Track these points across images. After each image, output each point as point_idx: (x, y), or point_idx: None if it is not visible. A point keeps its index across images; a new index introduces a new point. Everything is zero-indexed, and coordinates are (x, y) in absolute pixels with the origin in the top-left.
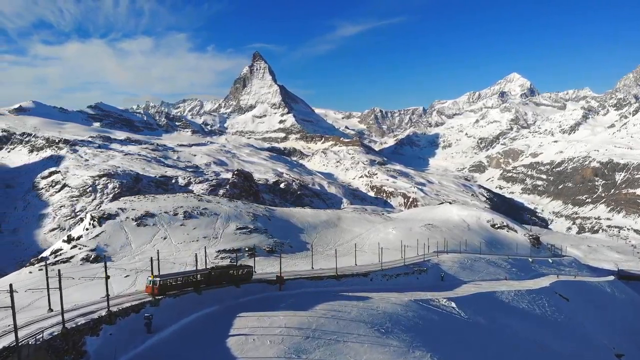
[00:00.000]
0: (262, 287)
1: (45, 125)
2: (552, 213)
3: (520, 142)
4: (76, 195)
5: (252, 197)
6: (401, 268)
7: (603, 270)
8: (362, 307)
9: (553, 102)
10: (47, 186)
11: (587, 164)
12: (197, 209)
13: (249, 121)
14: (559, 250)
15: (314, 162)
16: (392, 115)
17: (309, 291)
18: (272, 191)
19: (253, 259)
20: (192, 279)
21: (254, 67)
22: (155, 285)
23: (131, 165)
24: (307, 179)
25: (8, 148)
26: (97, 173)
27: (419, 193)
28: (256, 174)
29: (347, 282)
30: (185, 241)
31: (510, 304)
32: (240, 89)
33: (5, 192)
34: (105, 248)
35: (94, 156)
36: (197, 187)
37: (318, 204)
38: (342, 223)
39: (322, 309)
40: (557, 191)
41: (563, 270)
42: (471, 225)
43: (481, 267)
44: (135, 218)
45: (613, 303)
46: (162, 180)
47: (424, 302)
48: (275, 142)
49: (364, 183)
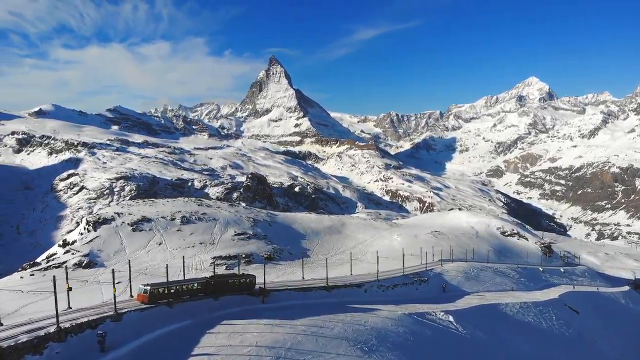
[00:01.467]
0: (241, 300)
1: (65, 128)
2: (571, 219)
3: (538, 147)
4: (93, 197)
5: (265, 200)
6: (400, 278)
7: (620, 280)
8: (348, 322)
9: (572, 107)
10: (65, 188)
11: (606, 169)
12: (196, 214)
13: (264, 125)
14: (573, 259)
15: (329, 165)
16: (408, 119)
17: (295, 304)
18: (287, 194)
19: (250, 266)
20: (188, 288)
21: (270, 71)
22: (145, 294)
23: (148, 168)
24: (322, 183)
25: (28, 150)
26: (115, 176)
27: (435, 198)
28: (271, 177)
29: (339, 293)
30: (180, 247)
31: (514, 317)
32: (256, 92)
33: (24, 193)
34: (98, 253)
35: (112, 159)
36: (213, 190)
37: (332, 208)
38: (346, 229)
39: (303, 324)
40: (575, 197)
41: (576, 280)
42: (480, 233)
43: (487, 277)
44: (131, 223)
45: (627, 315)
46: (178, 183)
47: (419, 315)
48: (291, 145)
49: (379, 187)
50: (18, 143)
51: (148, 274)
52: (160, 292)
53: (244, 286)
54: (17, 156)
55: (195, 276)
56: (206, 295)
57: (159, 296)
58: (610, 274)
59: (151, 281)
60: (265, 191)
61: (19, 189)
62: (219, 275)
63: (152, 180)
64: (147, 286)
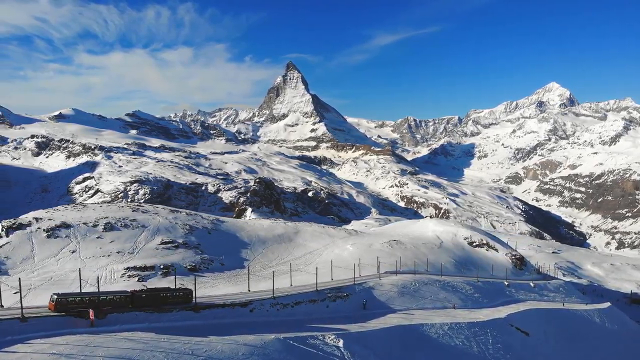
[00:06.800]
0: (55, 322)
1: (84, 132)
2: (591, 227)
3: (558, 153)
4: (108, 200)
5: (272, 205)
6: (310, 294)
7: (616, 293)
8: (173, 352)
9: (593, 113)
10: (81, 191)
11: (627, 176)
12: (124, 220)
13: (281, 130)
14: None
15: (344, 171)
16: (426, 124)
17: (136, 327)
18: (301, 199)
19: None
20: (105, 300)
21: (287, 76)
22: (52, 302)
23: (163, 172)
24: (336, 188)
25: (46, 154)
26: (129, 179)
27: (451, 204)
28: (285, 182)
29: (210, 314)
30: (94, 256)
31: (439, 340)
32: (273, 98)
33: (42, 196)
34: (5, 261)
35: (128, 162)
36: (226, 194)
37: (346, 214)
38: (299, 237)
39: (109, 354)
40: (596, 204)
41: (547, 295)
42: (445, 243)
43: (430, 292)
44: (47, 229)
45: (597, 336)
46: (192, 187)
47: (298, 340)
48: (307, 150)
49: (394, 193)
50: (37, 146)
51: (56, 284)
52: (69, 302)
53: (178, 300)
54: (36, 159)
55: (104, 288)
56: (136, 308)
57: (67, 306)
58: (612, 286)
59: (61, 291)
60: (273, 196)
61: (36, 192)
62: (150, 289)
63: (166, 184)
64: (54, 294)
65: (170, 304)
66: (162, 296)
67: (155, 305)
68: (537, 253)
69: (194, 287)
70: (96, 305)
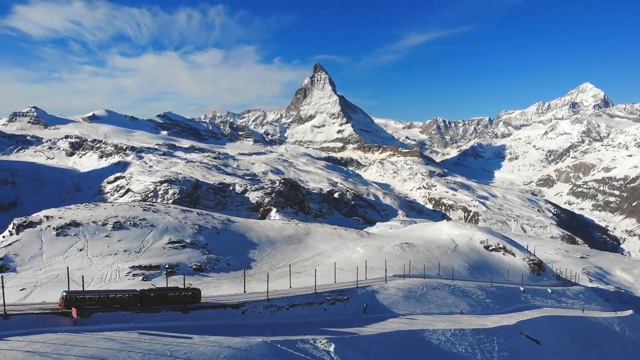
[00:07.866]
0: (37, 320)
1: (116, 132)
2: (625, 232)
3: (591, 156)
4: (138, 200)
5: (297, 205)
6: (307, 297)
7: None
8: (161, 353)
9: (628, 114)
10: (112, 190)
11: None
12: (133, 219)
13: (308, 131)
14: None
15: (371, 172)
16: (455, 125)
17: (120, 327)
18: (326, 200)
19: (171, 277)
20: (114, 298)
21: (314, 77)
22: (62, 299)
23: (192, 172)
24: (362, 189)
25: (80, 154)
26: (159, 179)
27: (481, 207)
28: (311, 182)
29: (199, 315)
30: (102, 254)
31: (440, 347)
32: (300, 99)
33: (74, 195)
34: (13, 258)
35: (158, 163)
36: (253, 195)
37: (372, 215)
38: (309, 239)
39: (94, 355)
40: (630, 208)
41: (565, 302)
42: (460, 246)
43: (438, 296)
44: (57, 227)
45: (616, 345)
46: (220, 187)
47: (286, 344)
48: (333, 151)
49: (422, 195)
50: (71, 146)
51: (62, 281)
52: (78, 299)
53: (186, 299)
54: (70, 159)
55: (110, 286)
56: (143, 307)
57: (76, 303)
58: (637, 294)
59: (71, 289)
60: (298, 197)
61: (70, 191)
62: (160, 288)
63: (195, 184)
64: (63, 292)
65: (179, 304)
66: (171, 295)
67: (164, 305)
68: (565, 258)
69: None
70: (105, 304)
